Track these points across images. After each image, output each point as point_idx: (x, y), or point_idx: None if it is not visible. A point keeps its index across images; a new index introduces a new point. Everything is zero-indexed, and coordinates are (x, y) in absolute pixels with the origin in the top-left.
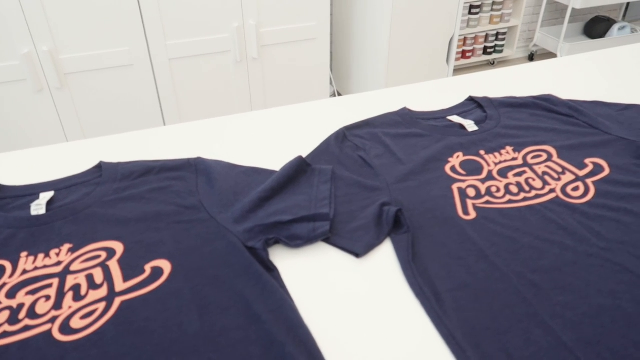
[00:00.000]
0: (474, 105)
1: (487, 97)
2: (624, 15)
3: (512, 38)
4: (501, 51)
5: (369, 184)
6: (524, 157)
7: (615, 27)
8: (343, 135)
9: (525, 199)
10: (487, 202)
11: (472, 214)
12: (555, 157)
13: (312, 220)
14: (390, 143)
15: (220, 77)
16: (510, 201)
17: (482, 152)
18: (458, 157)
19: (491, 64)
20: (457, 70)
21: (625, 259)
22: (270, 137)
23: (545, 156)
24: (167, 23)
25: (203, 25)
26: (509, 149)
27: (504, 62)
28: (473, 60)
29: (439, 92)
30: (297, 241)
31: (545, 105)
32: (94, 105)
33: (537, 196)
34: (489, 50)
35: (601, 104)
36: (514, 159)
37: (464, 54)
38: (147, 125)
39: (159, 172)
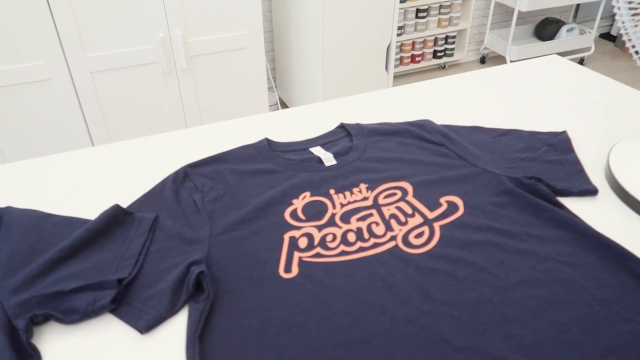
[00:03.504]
0: (344, 133)
1: (359, 124)
2: (575, 17)
3: (462, 41)
4: (452, 55)
5: (189, 236)
6: (376, 197)
7: (564, 28)
8: (183, 175)
9: (360, 250)
10: (317, 255)
11: (294, 271)
12: (409, 196)
13: (97, 289)
14: (234, 182)
15: (149, 90)
16: (342, 252)
17: (331, 192)
18: (304, 198)
19: (442, 67)
20: (407, 75)
21: (446, 325)
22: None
23: (399, 195)
24: (85, 34)
25: (125, 36)
26: (363, 186)
27: (455, 66)
28: (423, 64)
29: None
30: (73, 316)
31: (418, 133)
32: (13, 122)
33: (374, 245)
34: (439, 54)
35: (479, 130)
36: (365, 198)
37: (413, 59)
38: (72, 144)
39: None
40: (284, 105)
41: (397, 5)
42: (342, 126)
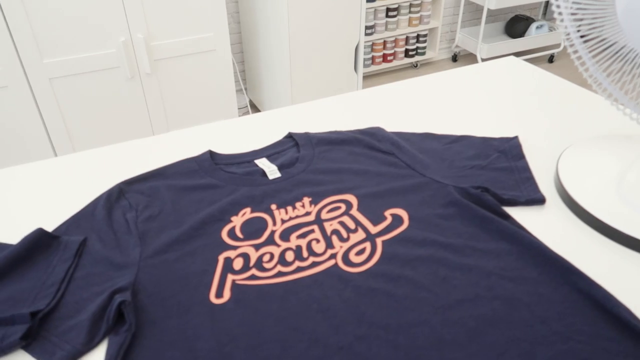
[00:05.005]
0: (292, 143)
1: (308, 134)
2: (544, 14)
3: (434, 40)
4: (424, 53)
5: (117, 261)
6: (319, 212)
7: (534, 25)
8: (118, 192)
9: (297, 270)
10: (251, 277)
11: (226, 296)
12: (354, 209)
13: (9, 323)
14: (171, 199)
15: (112, 95)
16: (279, 274)
17: (273, 207)
18: (244, 214)
19: (414, 66)
20: (379, 75)
21: (380, 351)
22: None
23: (343, 208)
24: (42, 39)
25: (84, 41)
26: (306, 200)
27: (427, 64)
28: (395, 63)
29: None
30: None
31: (368, 142)
32: None
33: (313, 264)
34: (411, 53)
35: (431, 137)
36: (307, 213)
37: (385, 58)
38: (34, 154)
39: None
40: (254, 107)
41: (364, 5)
42: (291, 135)
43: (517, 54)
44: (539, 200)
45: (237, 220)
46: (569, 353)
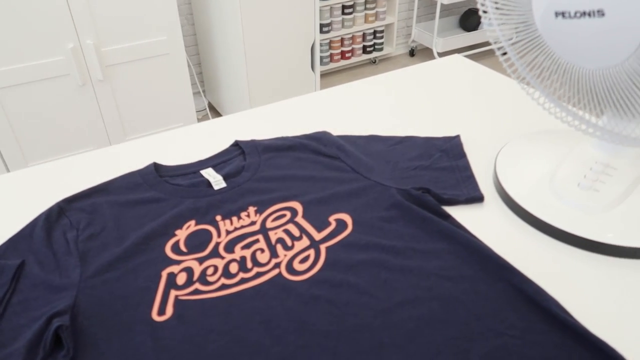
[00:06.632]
0: (238, 151)
1: (254, 141)
2: None
3: (391, 35)
4: (381, 49)
5: (56, 283)
6: (264, 221)
7: None
8: (58, 211)
9: (241, 282)
10: (195, 292)
11: (169, 313)
12: (299, 217)
13: None
14: (114, 216)
15: (64, 104)
16: (222, 287)
17: (218, 218)
18: (189, 227)
19: (373, 62)
20: (339, 72)
21: (321, 358)
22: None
23: (288, 216)
24: None
25: (30, 49)
26: (252, 210)
27: (386, 60)
28: (354, 60)
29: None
30: None
31: (314, 146)
32: None
33: (257, 275)
34: (368, 49)
35: (376, 139)
36: (252, 223)
37: (343, 55)
38: None
39: None
40: (213, 109)
41: (317, 4)
42: (237, 144)
43: (472, 47)
44: (478, 198)
45: (182, 234)
46: (503, 348)
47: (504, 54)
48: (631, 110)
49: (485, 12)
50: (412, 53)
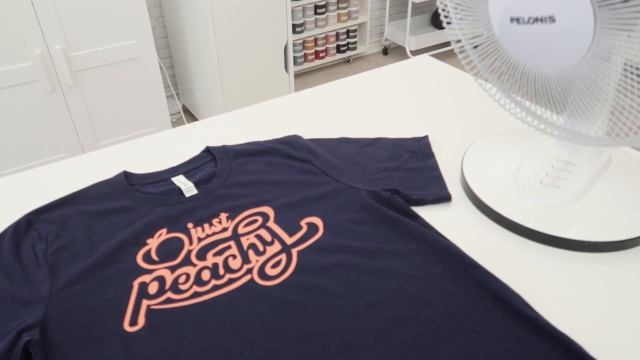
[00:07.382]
0: (209, 158)
1: (225, 147)
2: None
3: (364, 34)
4: (355, 48)
5: (25, 297)
6: (236, 226)
7: None
8: (26, 224)
9: (213, 289)
10: (167, 301)
11: (140, 323)
12: (271, 221)
13: None
14: (84, 227)
15: (33, 111)
16: (195, 294)
17: (189, 226)
18: (160, 236)
19: (347, 61)
20: (313, 72)
21: None
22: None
23: (260, 221)
24: None
25: None
26: (223, 216)
27: (360, 59)
28: (328, 59)
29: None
30: None
31: (285, 151)
32: None
33: (229, 282)
34: (342, 49)
35: (346, 141)
36: (224, 229)
37: (317, 55)
38: None
39: None
40: (187, 112)
41: (289, 5)
42: (208, 150)
43: (444, 45)
44: (446, 197)
45: (153, 243)
46: (469, 344)
47: (466, 57)
48: (585, 112)
49: (446, 16)
50: (385, 51)
